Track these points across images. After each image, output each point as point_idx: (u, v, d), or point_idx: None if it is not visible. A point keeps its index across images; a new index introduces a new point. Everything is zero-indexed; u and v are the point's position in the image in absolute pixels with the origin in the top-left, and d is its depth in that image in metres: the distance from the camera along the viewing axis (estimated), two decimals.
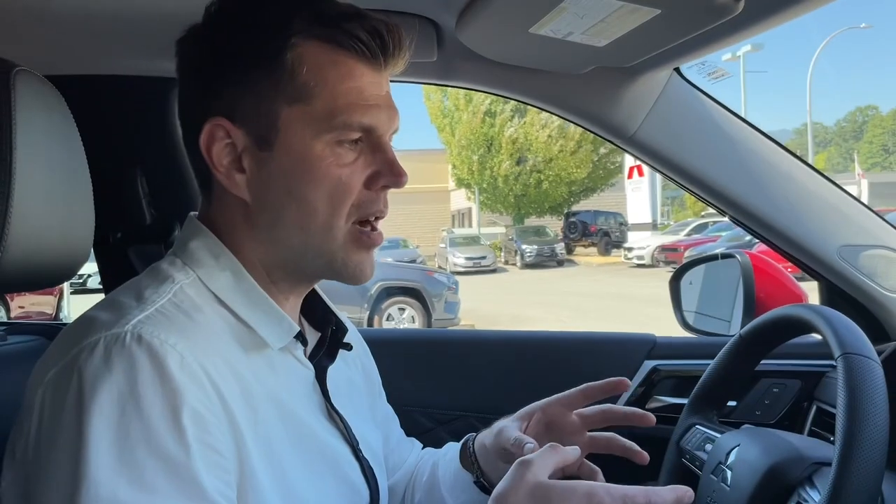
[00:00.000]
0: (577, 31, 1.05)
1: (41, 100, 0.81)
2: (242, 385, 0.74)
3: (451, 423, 1.57)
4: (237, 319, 0.78)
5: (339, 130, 0.77)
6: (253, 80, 0.77)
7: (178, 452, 0.65)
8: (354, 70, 0.78)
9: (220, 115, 0.78)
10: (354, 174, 0.79)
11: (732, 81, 27.08)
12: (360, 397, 0.99)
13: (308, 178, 0.77)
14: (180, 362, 0.68)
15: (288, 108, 0.77)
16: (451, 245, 23.99)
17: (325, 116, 0.77)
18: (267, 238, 0.81)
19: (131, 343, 0.67)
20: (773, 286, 1.49)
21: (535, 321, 10.77)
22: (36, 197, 0.78)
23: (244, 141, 0.78)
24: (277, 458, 0.76)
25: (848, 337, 0.87)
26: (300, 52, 0.76)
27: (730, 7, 0.94)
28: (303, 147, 0.77)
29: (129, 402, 0.64)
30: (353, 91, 0.77)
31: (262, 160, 0.78)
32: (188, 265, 0.80)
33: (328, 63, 0.77)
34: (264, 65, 0.76)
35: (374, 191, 0.80)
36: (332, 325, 0.93)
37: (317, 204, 0.78)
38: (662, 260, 19.33)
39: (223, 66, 0.78)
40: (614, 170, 28.96)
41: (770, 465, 0.93)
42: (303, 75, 0.76)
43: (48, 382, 0.68)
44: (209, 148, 0.78)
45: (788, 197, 1.35)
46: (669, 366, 1.52)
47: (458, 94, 28.83)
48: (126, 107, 1.49)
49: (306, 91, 0.76)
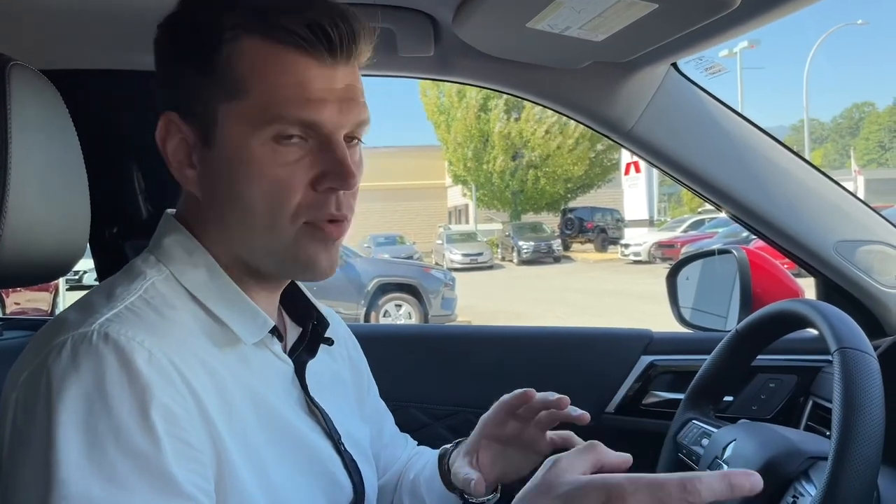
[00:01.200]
0: (574, 25, 1.05)
1: (37, 94, 0.81)
2: (215, 380, 0.73)
3: (447, 419, 1.58)
4: (209, 315, 0.78)
5: (275, 125, 0.73)
6: (193, 75, 0.76)
7: (149, 448, 0.64)
8: (295, 64, 0.74)
9: (171, 110, 0.78)
10: (296, 174, 0.75)
11: (729, 78, 27.17)
12: (345, 392, 0.99)
13: (244, 177, 0.75)
14: (148, 359, 0.67)
15: (226, 104, 0.75)
16: (447, 241, 23.99)
17: (261, 111, 0.74)
18: (220, 235, 0.80)
19: (98, 341, 0.66)
20: (770, 282, 1.49)
21: (531, 317, 10.78)
22: (32, 192, 0.78)
23: (192, 136, 0.78)
24: (256, 452, 0.75)
25: (844, 332, 0.87)
26: (237, 47, 0.74)
27: (727, 2, 0.94)
28: (239, 144, 0.75)
29: (96, 401, 0.64)
30: (291, 85, 0.74)
31: (208, 156, 0.77)
32: (161, 261, 0.79)
33: (266, 57, 0.74)
34: (202, 60, 0.75)
35: (321, 192, 0.76)
36: (312, 320, 0.92)
37: (255, 204, 0.75)
38: (659, 256, 19.35)
39: (169, 63, 0.79)
40: (611, 166, 28.99)
41: (766, 459, 0.93)
42: (239, 70, 0.74)
43: (21, 384, 0.68)
44: (164, 142, 0.79)
45: (785, 192, 1.35)
46: (666, 361, 1.52)
47: (451, 90, 28.83)
48: (122, 101, 1.48)
49: (243, 86, 0.74)
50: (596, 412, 1.05)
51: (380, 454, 1.07)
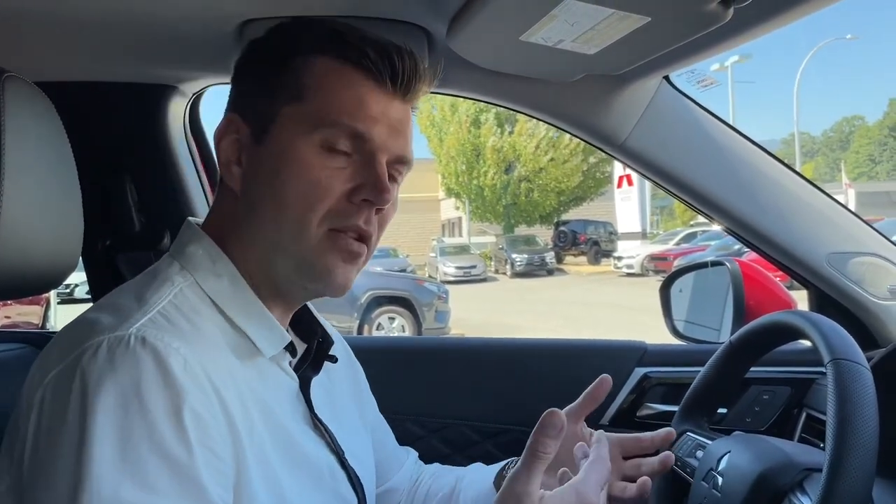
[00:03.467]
0: (567, 38, 1.06)
1: (31, 106, 0.81)
2: (240, 391, 0.74)
3: (441, 431, 1.57)
4: (231, 325, 0.79)
5: (328, 130, 0.78)
6: (264, 78, 0.82)
7: (181, 453, 0.65)
8: (358, 83, 0.80)
9: (234, 112, 0.83)
10: (336, 180, 0.78)
11: (720, 92, 27.28)
12: (346, 406, 0.99)
13: (288, 174, 0.78)
14: (184, 365, 0.68)
15: (287, 107, 0.79)
16: (441, 254, 24.00)
17: (318, 116, 0.78)
18: (247, 235, 0.81)
19: (135, 345, 0.67)
20: (763, 293, 1.49)
21: (525, 330, 10.77)
22: (25, 203, 0.78)
23: (247, 136, 0.81)
24: (270, 466, 0.76)
25: (838, 343, 0.87)
26: (309, 60, 0.80)
27: (719, 15, 0.94)
28: (290, 143, 0.78)
29: (132, 402, 0.64)
30: (351, 99, 0.79)
31: (256, 154, 0.81)
32: (186, 268, 0.80)
33: (332, 71, 0.80)
34: (277, 66, 0.81)
35: (355, 203, 0.79)
36: (318, 337, 0.93)
37: (290, 200, 0.78)
38: (652, 269, 19.40)
39: (246, 71, 0.85)
40: (604, 179, 29.07)
41: (761, 471, 0.93)
42: (307, 78, 0.79)
43: (48, 384, 0.68)
44: (219, 140, 0.83)
45: (777, 204, 1.35)
46: (660, 373, 1.52)
47: (444, 104, 28.94)
48: (116, 114, 1.48)
49: (306, 91, 0.79)
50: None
51: (383, 462, 1.08)
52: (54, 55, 1.30)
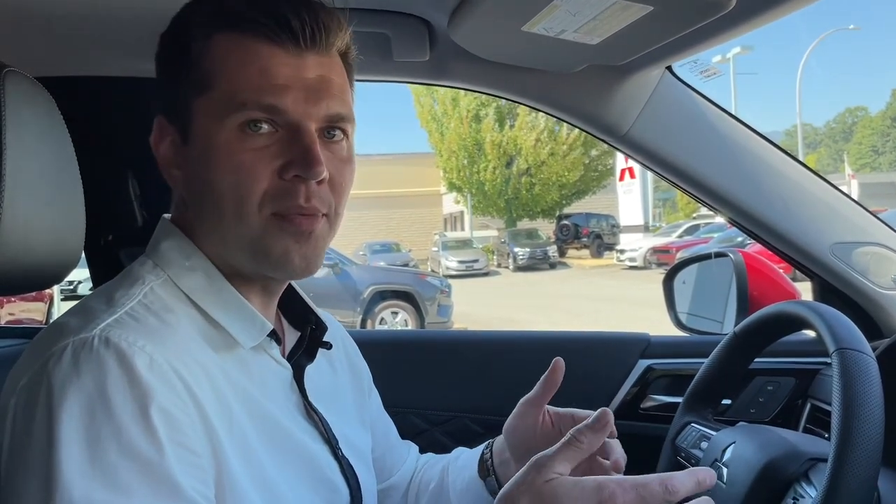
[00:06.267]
0: (569, 29, 1.05)
1: (31, 101, 0.81)
2: (215, 385, 0.73)
3: (445, 424, 1.57)
4: (207, 320, 0.78)
5: (240, 113, 0.74)
6: (172, 75, 0.79)
7: (151, 452, 0.64)
8: (259, 52, 0.75)
9: (161, 113, 0.82)
10: (261, 160, 0.75)
11: (723, 83, 27.26)
12: (344, 396, 0.99)
13: (214, 165, 0.76)
14: (149, 363, 0.67)
15: (197, 99, 0.77)
16: (443, 248, 23.97)
17: (227, 100, 0.75)
18: (204, 233, 0.80)
19: (99, 346, 0.66)
20: (767, 284, 1.49)
21: (527, 324, 10.77)
22: (26, 199, 0.78)
23: (177, 137, 0.80)
24: (254, 457, 0.75)
25: (843, 332, 0.87)
26: (207, 44, 0.77)
27: (722, 4, 0.94)
28: (209, 134, 0.76)
29: (98, 405, 0.64)
30: (255, 72, 0.75)
31: (187, 154, 0.79)
32: (159, 266, 0.79)
33: (232, 49, 0.76)
34: (178, 59, 0.78)
35: (288, 181, 0.75)
36: (311, 325, 0.92)
37: (222, 192, 0.75)
38: (654, 262, 19.36)
39: (159, 69, 0.83)
40: (606, 172, 29.04)
41: (766, 461, 0.93)
42: (207, 64, 0.76)
43: (20, 390, 0.67)
44: (157, 145, 0.82)
45: (781, 195, 1.35)
46: (664, 365, 1.52)
47: (445, 99, 28.89)
48: (116, 108, 1.48)
49: (210, 78, 0.76)
50: None
51: (383, 456, 1.07)
52: (55, 50, 1.30)
